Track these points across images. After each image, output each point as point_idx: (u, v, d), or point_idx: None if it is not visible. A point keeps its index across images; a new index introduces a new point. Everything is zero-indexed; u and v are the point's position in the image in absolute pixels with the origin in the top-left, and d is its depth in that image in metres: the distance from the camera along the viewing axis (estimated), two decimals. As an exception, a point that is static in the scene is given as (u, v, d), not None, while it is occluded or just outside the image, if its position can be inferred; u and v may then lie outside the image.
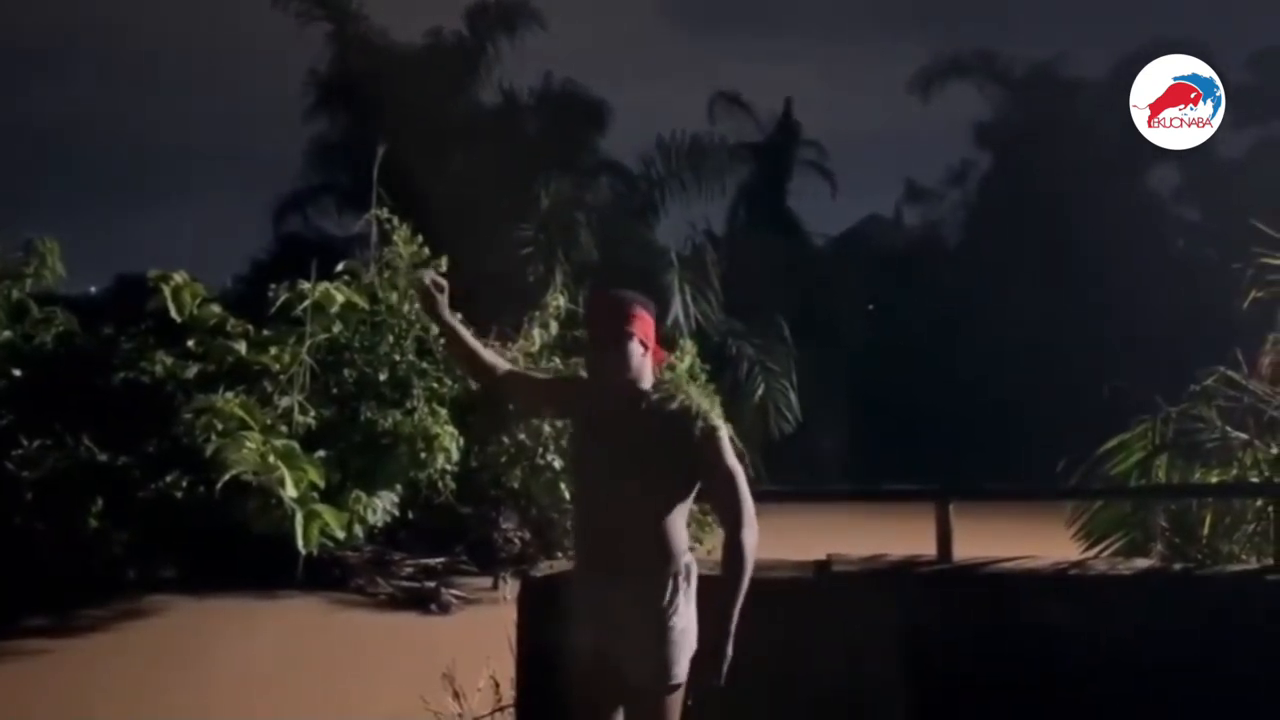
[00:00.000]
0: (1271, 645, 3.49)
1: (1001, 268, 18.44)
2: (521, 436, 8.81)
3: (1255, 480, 5.09)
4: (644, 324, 2.81)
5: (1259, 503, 4.90)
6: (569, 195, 15.54)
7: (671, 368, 8.37)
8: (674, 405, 2.74)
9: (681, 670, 2.68)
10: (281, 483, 7.02)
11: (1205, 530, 5.09)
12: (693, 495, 2.78)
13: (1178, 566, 4.41)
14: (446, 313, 3.08)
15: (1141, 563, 4.25)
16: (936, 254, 21.15)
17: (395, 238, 9.07)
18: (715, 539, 9.17)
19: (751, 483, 2.74)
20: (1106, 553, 5.24)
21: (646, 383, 2.82)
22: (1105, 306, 17.03)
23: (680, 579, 2.71)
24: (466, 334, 3.13)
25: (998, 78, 20.67)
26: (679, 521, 2.76)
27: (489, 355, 3.19)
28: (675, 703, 2.69)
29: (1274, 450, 5.19)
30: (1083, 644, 3.51)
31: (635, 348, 2.78)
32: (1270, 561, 4.01)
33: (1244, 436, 5.19)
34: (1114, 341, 15.87)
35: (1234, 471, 5.19)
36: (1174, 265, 17.70)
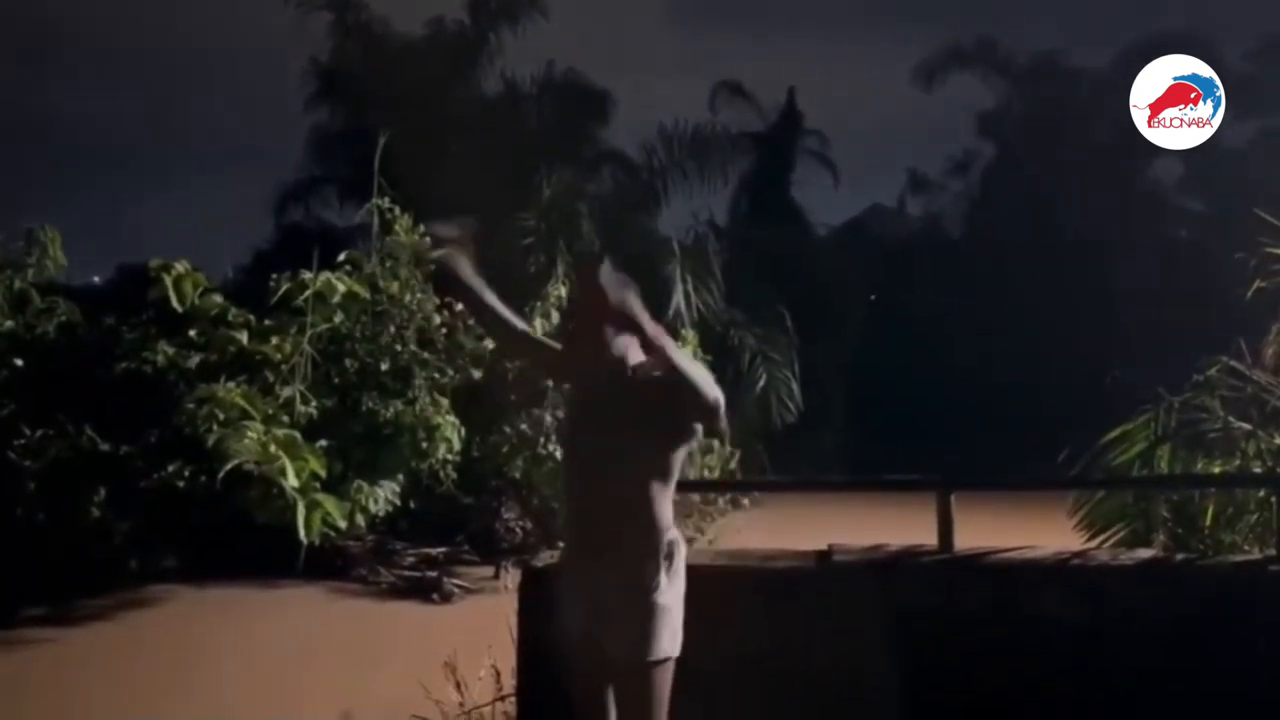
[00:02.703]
0: (1273, 636, 3.49)
1: (1004, 258, 18.43)
2: (523, 426, 8.82)
3: (1258, 471, 5.08)
4: (608, 303, 2.72)
5: (1261, 493, 4.89)
6: (570, 185, 15.51)
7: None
8: (651, 375, 2.73)
9: (664, 646, 2.66)
10: (283, 472, 7.04)
11: (1207, 521, 5.08)
12: (674, 462, 2.74)
13: (1180, 557, 4.41)
14: (469, 278, 2.94)
15: (1144, 553, 4.25)
16: (939, 244, 21.12)
17: (396, 227, 9.08)
18: (716, 529, 9.17)
19: (755, 473, 2.71)
20: (1109, 543, 5.24)
21: (632, 358, 2.78)
22: (1108, 296, 17.00)
23: (663, 556, 2.70)
24: (492, 300, 2.99)
25: (1000, 68, 20.59)
26: (660, 498, 2.73)
27: (518, 323, 3.10)
28: (661, 679, 2.68)
29: (1277, 440, 5.18)
30: (1084, 634, 3.51)
31: (606, 331, 2.75)
32: (1273, 552, 4.00)
33: (1247, 427, 5.17)
34: (1117, 331, 15.85)
35: (1237, 462, 5.17)
36: (1177, 255, 17.65)
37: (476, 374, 9.05)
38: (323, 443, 7.64)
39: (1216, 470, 5.22)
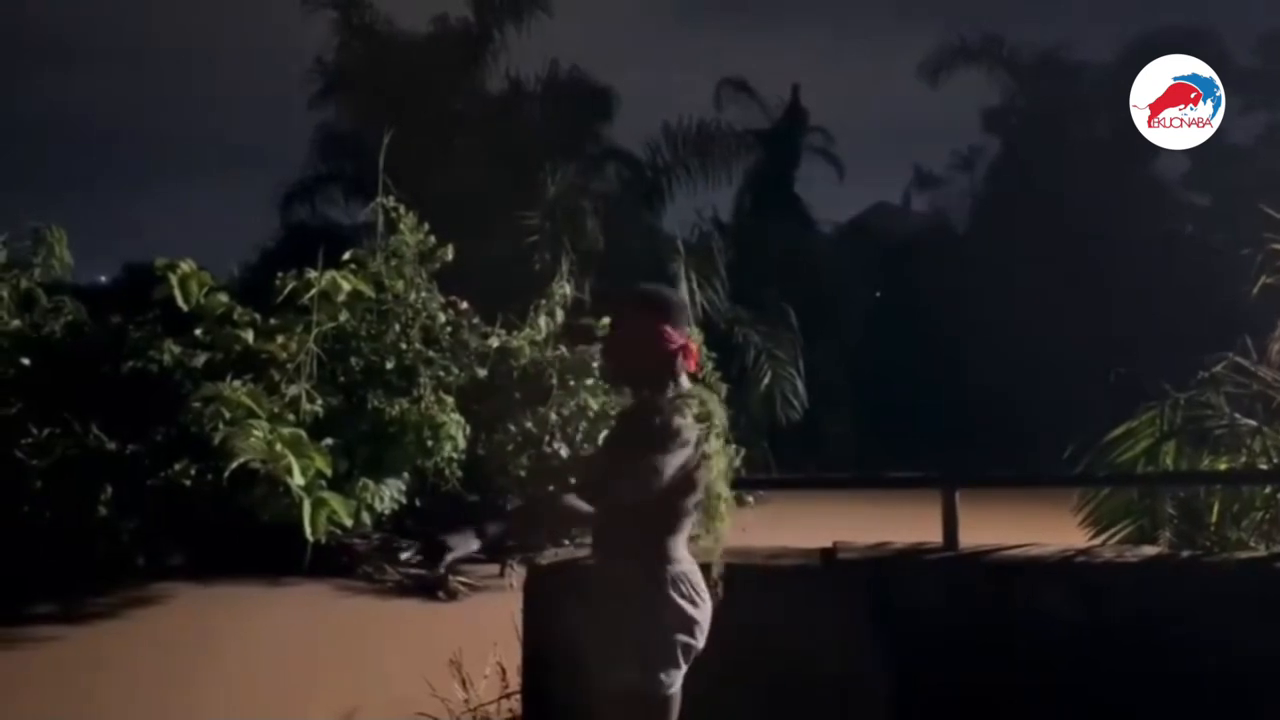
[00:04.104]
0: (1278, 633, 3.48)
1: (1009, 254, 18.38)
2: (528, 425, 8.82)
3: (1264, 467, 5.07)
4: (625, 322, 2.69)
5: (1267, 490, 4.88)
6: (575, 183, 15.52)
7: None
8: (651, 413, 2.58)
9: (658, 681, 2.54)
10: (289, 471, 7.04)
11: (1213, 517, 5.06)
12: (683, 502, 2.61)
13: (1185, 554, 4.40)
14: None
15: (1149, 550, 4.24)
16: (944, 241, 21.09)
17: (401, 226, 9.09)
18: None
19: (760, 470, 2.66)
20: (1114, 540, 5.23)
21: (655, 388, 2.64)
22: (1113, 292, 16.97)
23: (667, 589, 2.58)
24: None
25: (1006, 63, 20.53)
26: (662, 532, 2.60)
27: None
28: (657, 712, 2.57)
29: (1283, 437, 5.17)
30: (1089, 631, 3.51)
31: (616, 351, 2.72)
32: (1279, 548, 3.99)
33: (1253, 423, 5.16)
34: (1122, 327, 15.81)
35: (1242, 458, 5.16)
36: (1183, 251, 17.61)
37: (481, 372, 9.06)
38: (328, 441, 7.64)
39: (1222, 467, 5.21)
